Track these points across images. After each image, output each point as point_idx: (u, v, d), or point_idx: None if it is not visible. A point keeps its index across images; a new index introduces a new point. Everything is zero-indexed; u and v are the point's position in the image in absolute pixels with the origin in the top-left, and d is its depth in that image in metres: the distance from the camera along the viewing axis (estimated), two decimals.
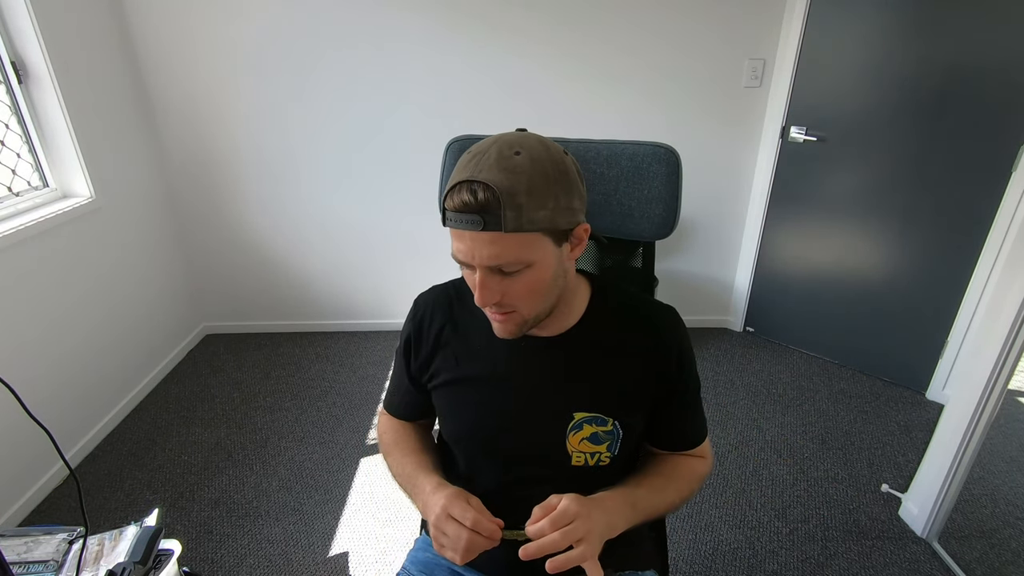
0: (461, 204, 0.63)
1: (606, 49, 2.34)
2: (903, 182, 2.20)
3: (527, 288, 0.68)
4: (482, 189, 0.62)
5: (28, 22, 1.80)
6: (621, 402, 0.78)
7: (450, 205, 0.65)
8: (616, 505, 0.72)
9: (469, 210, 0.63)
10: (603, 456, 0.79)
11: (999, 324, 1.41)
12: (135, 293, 2.32)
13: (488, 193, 0.62)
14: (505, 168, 0.63)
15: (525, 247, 0.65)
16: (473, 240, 0.64)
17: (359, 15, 2.25)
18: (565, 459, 0.78)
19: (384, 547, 1.68)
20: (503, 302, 0.69)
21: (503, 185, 0.62)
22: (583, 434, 0.77)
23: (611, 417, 0.77)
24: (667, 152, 0.91)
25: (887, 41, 2.12)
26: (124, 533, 0.97)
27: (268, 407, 2.29)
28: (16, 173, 1.90)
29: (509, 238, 0.63)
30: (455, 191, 0.64)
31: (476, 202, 0.62)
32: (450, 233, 0.68)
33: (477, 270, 0.66)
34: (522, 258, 0.65)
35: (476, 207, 0.62)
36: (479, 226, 0.63)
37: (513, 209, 0.62)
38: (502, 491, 0.82)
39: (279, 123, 2.43)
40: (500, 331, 0.73)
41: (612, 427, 0.77)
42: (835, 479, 1.91)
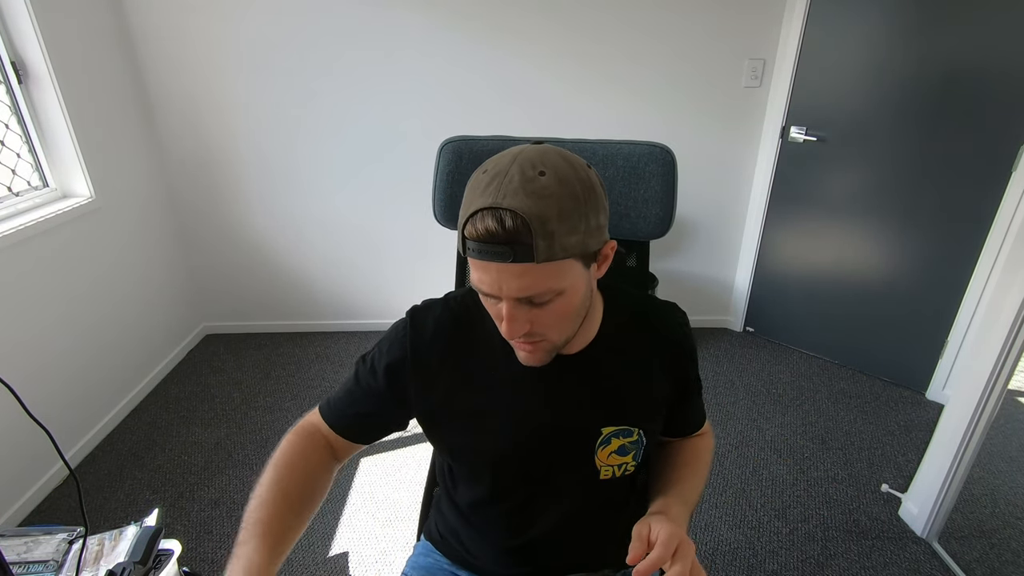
0: (486, 234, 0.57)
1: (605, 49, 2.34)
2: (903, 182, 2.20)
3: (557, 316, 0.64)
4: (510, 217, 0.56)
5: (28, 22, 1.80)
6: (644, 410, 0.77)
7: (472, 234, 0.58)
8: (679, 512, 0.73)
9: (496, 240, 0.57)
10: (629, 466, 0.78)
11: (999, 324, 1.41)
12: (135, 293, 2.32)
13: (517, 221, 0.56)
14: (532, 192, 0.57)
15: (556, 276, 0.60)
16: (500, 272, 0.58)
17: (359, 15, 2.25)
18: (594, 474, 0.77)
19: (384, 547, 1.67)
20: (532, 331, 0.64)
21: (533, 212, 0.56)
22: (611, 448, 0.76)
23: (637, 427, 0.76)
24: (662, 151, 0.91)
25: (887, 41, 2.12)
26: (124, 533, 0.97)
27: (268, 407, 2.29)
28: (16, 173, 1.90)
29: (540, 268, 0.58)
30: (478, 218, 0.57)
31: (504, 231, 0.56)
32: (471, 263, 0.62)
33: (504, 302, 0.61)
34: (553, 287, 0.60)
35: (504, 237, 0.56)
36: (508, 258, 0.57)
37: (545, 238, 0.56)
38: (526, 507, 0.82)
39: (279, 123, 2.43)
40: (528, 360, 0.69)
41: (637, 436, 0.77)
42: (835, 479, 1.91)
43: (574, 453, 0.76)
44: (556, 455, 0.77)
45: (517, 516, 0.82)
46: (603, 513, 0.84)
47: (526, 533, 0.83)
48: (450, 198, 0.96)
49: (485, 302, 0.66)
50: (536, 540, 0.83)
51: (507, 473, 0.79)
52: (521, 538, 0.83)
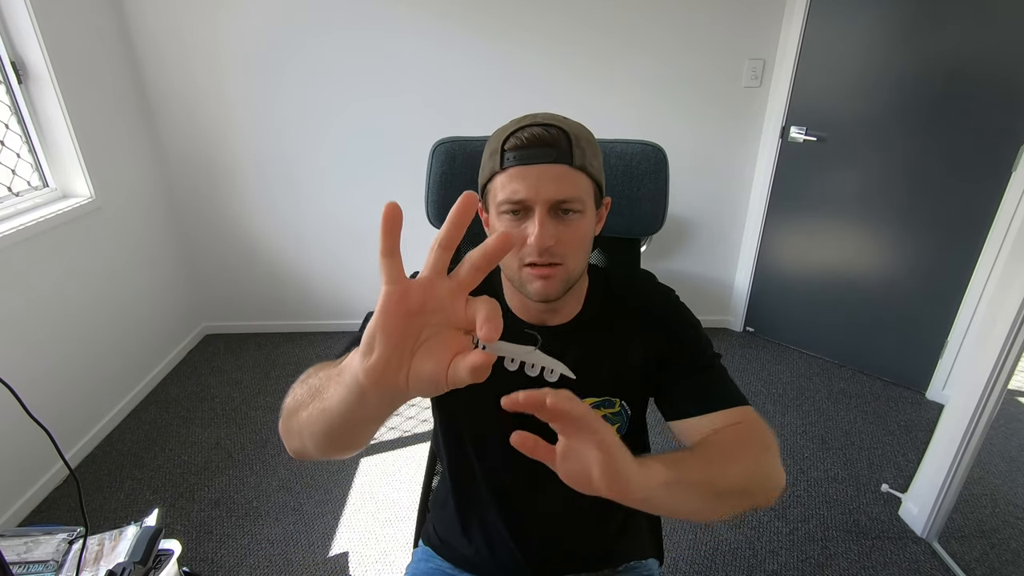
0: (532, 138, 0.66)
1: (605, 49, 2.34)
2: (903, 182, 2.20)
3: (577, 237, 0.69)
4: (553, 127, 0.66)
5: (28, 22, 1.79)
6: (625, 382, 0.78)
7: (516, 143, 0.67)
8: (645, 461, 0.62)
9: (542, 143, 0.65)
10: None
11: (999, 324, 1.41)
12: (135, 293, 2.32)
13: (558, 131, 0.66)
14: (565, 121, 0.69)
15: (583, 188, 0.68)
16: (540, 176, 0.65)
17: (359, 16, 2.25)
18: None
19: (384, 547, 1.67)
20: (555, 250, 0.68)
21: (569, 127, 0.67)
22: None
23: (617, 397, 0.78)
24: (655, 150, 0.91)
25: (887, 41, 2.12)
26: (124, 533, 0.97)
27: (268, 407, 2.29)
28: (16, 173, 1.90)
29: (574, 175, 0.66)
30: (522, 130, 0.67)
31: (549, 135, 0.65)
32: (502, 178, 0.68)
33: (536, 211, 0.66)
34: (581, 197, 0.68)
35: (549, 139, 0.65)
36: (550, 157, 0.65)
37: (579, 148, 0.67)
38: (522, 487, 0.83)
39: (279, 123, 2.43)
40: (543, 289, 0.69)
41: (619, 408, 0.78)
42: (835, 479, 1.91)
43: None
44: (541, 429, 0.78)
45: (516, 494, 0.83)
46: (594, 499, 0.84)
47: (523, 521, 0.84)
48: (443, 199, 0.96)
49: (510, 228, 0.69)
50: (534, 529, 0.84)
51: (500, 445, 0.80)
52: (518, 528, 0.84)
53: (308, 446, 0.51)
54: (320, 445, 0.49)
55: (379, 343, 0.35)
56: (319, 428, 0.47)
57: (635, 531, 0.96)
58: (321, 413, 0.46)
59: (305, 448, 0.53)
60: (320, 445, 0.49)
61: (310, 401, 0.49)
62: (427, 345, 0.36)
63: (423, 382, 0.36)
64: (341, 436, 0.47)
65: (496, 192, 0.69)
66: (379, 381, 0.36)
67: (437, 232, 0.36)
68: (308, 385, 0.53)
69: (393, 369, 0.36)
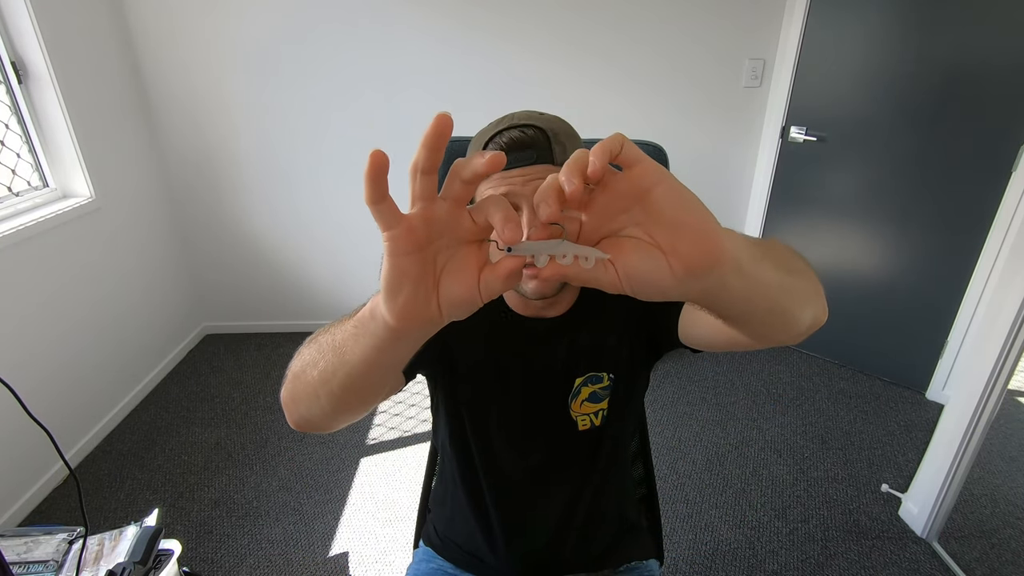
0: (511, 142, 0.65)
1: (605, 49, 2.34)
2: (903, 182, 2.20)
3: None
4: (530, 128, 0.66)
5: (28, 22, 1.80)
6: (614, 356, 0.79)
7: (496, 147, 0.66)
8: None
9: (521, 146, 0.65)
10: (604, 412, 0.80)
11: (999, 324, 1.41)
12: (135, 293, 2.32)
13: (536, 132, 0.66)
14: (540, 116, 0.68)
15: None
16: (522, 176, 0.65)
17: (358, 15, 2.25)
18: (572, 427, 0.80)
19: (384, 547, 1.68)
20: None
21: (547, 125, 0.67)
22: (582, 397, 0.79)
23: (605, 371, 0.79)
24: (655, 150, 0.91)
25: (887, 41, 2.11)
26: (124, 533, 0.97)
27: (268, 407, 2.29)
28: (16, 173, 1.90)
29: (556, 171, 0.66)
30: (499, 136, 0.67)
31: (527, 137, 0.65)
32: (484, 186, 0.66)
33: (524, 211, 0.64)
34: None
35: (528, 141, 0.65)
36: (531, 159, 0.65)
37: (559, 144, 0.66)
38: (523, 486, 0.83)
39: (279, 123, 2.43)
40: (538, 287, 0.70)
41: (608, 381, 0.79)
42: (835, 479, 1.91)
43: (549, 408, 0.80)
44: (534, 413, 0.80)
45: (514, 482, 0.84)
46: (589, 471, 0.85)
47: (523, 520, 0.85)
48: None
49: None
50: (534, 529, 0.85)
51: (499, 432, 0.82)
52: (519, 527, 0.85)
53: (323, 406, 0.50)
54: (337, 402, 0.48)
55: (402, 285, 0.35)
56: (338, 383, 0.46)
57: (635, 531, 0.96)
58: (342, 366, 0.44)
59: (318, 410, 0.51)
60: (337, 402, 0.48)
61: (323, 358, 0.48)
62: (448, 269, 0.36)
63: (457, 306, 0.36)
64: (362, 388, 0.47)
65: (479, 192, 0.68)
66: (413, 319, 0.36)
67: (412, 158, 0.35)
68: (319, 343, 0.50)
69: (423, 303, 0.35)
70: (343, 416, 0.51)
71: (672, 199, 0.33)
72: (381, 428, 2.17)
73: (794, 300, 0.44)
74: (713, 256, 0.33)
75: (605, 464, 0.84)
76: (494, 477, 0.83)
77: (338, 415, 0.51)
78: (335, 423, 0.53)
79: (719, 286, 0.35)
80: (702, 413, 2.21)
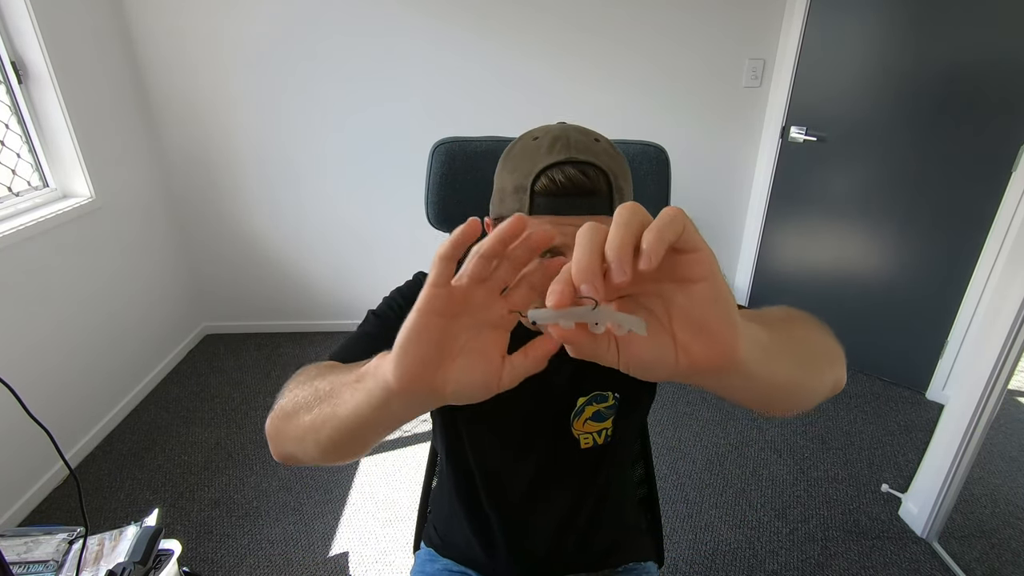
0: (568, 184, 0.57)
1: (605, 49, 2.34)
2: (903, 182, 2.20)
3: None
4: (592, 169, 0.57)
5: (28, 22, 1.79)
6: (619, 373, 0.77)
7: (549, 187, 0.58)
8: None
9: (580, 191, 0.57)
10: (609, 431, 0.79)
11: (999, 324, 1.41)
12: (135, 293, 2.32)
13: (596, 172, 0.57)
14: (602, 151, 0.59)
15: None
16: (577, 225, 0.60)
17: (359, 16, 2.25)
18: (574, 444, 0.79)
19: (384, 547, 1.67)
20: None
21: (610, 166, 0.58)
22: (586, 415, 0.78)
23: (611, 391, 0.78)
24: (656, 150, 0.91)
25: (887, 41, 2.11)
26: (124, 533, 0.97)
27: (268, 407, 2.27)
28: (16, 173, 1.90)
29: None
30: (555, 169, 0.57)
31: (588, 181, 0.57)
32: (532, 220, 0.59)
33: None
34: None
35: (588, 188, 0.57)
36: (589, 209, 0.57)
37: (619, 190, 0.58)
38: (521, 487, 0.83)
39: (279, 123, 2.43)
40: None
41: (613, 400, 0.78)
42: (835, 479, 1.91)
43: (552, 427, 0.78)
44: (537, 431, 0.79)
45: (511, 497, 0.83)
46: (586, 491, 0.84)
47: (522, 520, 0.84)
48: (443, 200, 0.96)
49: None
50: (532, 529, 0.84)
51: (505, 451, 0.81)
52: (517, 528, 0.84)
53: (308, 451, 0.48)
54: (323, 451, 0.46)
55: (417, 344, 0.33)
56: (326, 434, 0.44)
57: (635, 533, 0.96)
58: (331, 418, 0.43)
59: (303, 452, 0.50)
60: (323, 451, 0.46)
61: (316, 405, 0.46)
62: (468, 349, 0.35)
63: (468, 388, 0.34)
64: (351, 442, 0.44)
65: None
66: (415, 382, 0.34)
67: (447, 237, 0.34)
68: (314, 388, 0.50)
69: (431, 371, 0.34)
70: (331, 462, 0.49)
71: (709, 299, 0.30)
72: None
73: (802, 391, 0.42)
74: (723, 362, 0.31)
75: (607, 478, 0.84)
76: (493, 489, 0.83)
77: (325, 461, 0.49)
78: (324, 464, 0.51)
79: (718, 385, 0.35)
80: (702, 413, 2.21)
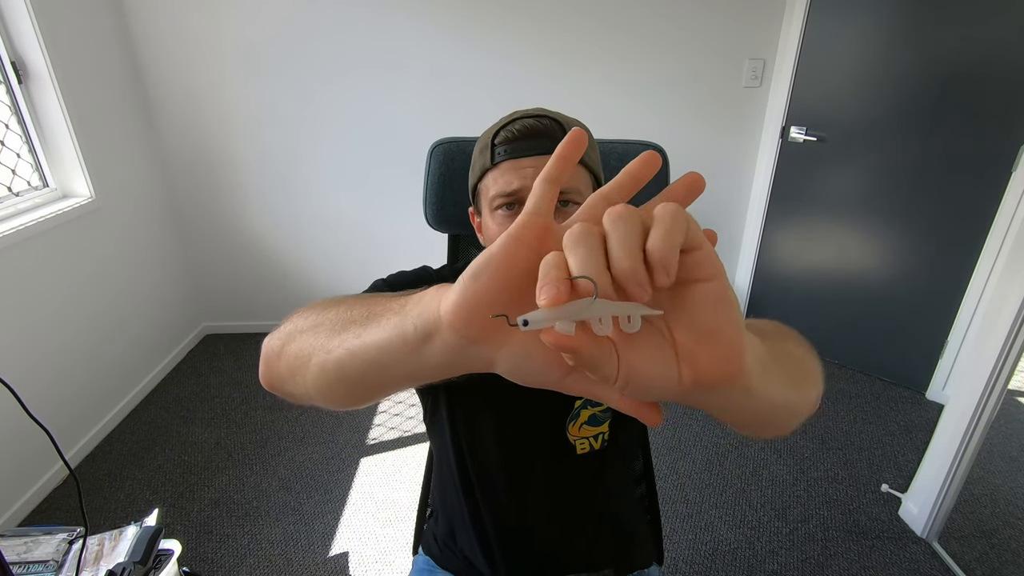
0: (524, 129, 0.63)
1: (605, 49, 2.34)
2: (903, 182, 2.20)
3: None
4: (545, 119, 0.64)
5: (28, 22, 1.80)
6: None
7: (507, 136, 0.64)
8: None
9: (535, 134, 0.63)
10: (605, 436, 0.78)
11: (999, 324, 1.41)
12: (135, 293, 2.32)
13: (551, 121, 0.64)
14: (555, 112, 0.67)
15: (582, 180, 0.66)
16: (535, 167, 0.63)
17: (359, 16, 2.25)
18: (570, 450, 0.78)
19: (384, 547, 1.68)
20: None
21: (562, 118, 0.65)
22: (581, 420, 0.77)
23: None
24: (656, 150, 0.91)
25: (887, 41, 2.11)
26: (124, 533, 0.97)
27: (268, 407, 2.29)
28: (16, 173, 1.90)
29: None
30: (512, 123, 0.64)
31: (542, 126, 0.64)
32: (494, 173, 0.65)
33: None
34: (580, 189, 0.65)
35: (543, 130, 0.63)
36: (545, 149, 0.63)
37: None
38: (515, 494, 0.81)
39: (279, 123, 2.43)
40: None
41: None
42: (835, 479, 1.91)
43: (547, 432, 0.77)
44: (530, 436, 0.78)
45: (510, 506, 0.82)
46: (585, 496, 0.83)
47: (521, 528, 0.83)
48: (441, 200, 0.96)
49: (503, 224, 0.65)
50: (532, 535, 0.83)
51: (499, 453, 0.79)
52: (516, 535, 0.83)
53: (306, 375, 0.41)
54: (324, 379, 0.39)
55: (495, 271, 0.27)
56: (337, 356, 0.37)
57: (636, 538, 0.94)
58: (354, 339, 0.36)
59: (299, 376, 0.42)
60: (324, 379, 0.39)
61: (340, 320, 0.39)
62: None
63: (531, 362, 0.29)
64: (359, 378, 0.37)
65: (488, 188, 0.67)
66: (470, 319, 0.28)
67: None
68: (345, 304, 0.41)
69: (489, 306, 0.28)
70: (321, 397, 0.42)
71: (716, 299, 0.27)
72: (381, 428, 2.17)
73: (792, 411, 0.39)
74: (732, 369, 0.28)
75: (608, 484, 0.83)
76: (490, 496, 0.81)
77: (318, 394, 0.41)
78: (311, 397, 0.43)
79: (719, 403, 0.30)
80: (702, 413, 2.21)
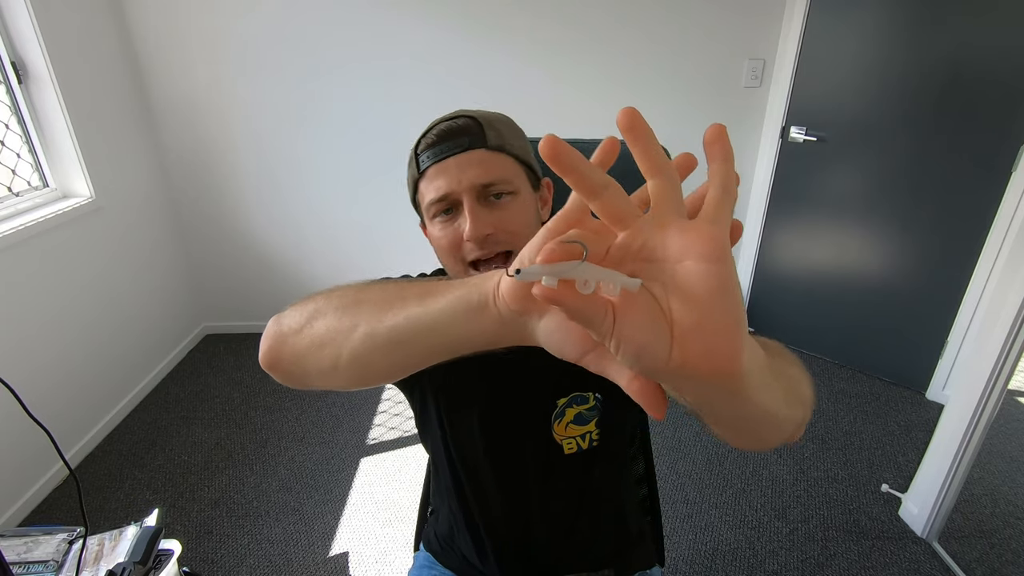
0: (441, 133, 0.64)
1: (604, 49, 2.34)
2: (903, 182, 2.20)
3: (518, 218, 0.65)
4: (460, 118, 0.65)
5: (28, 22, 1.80)
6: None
7: (427, 142, 0.65)
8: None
9: (451, 134, 0.64)
10: (593, 435, 0.77)
11: (999, 324, 1.41)
12: (135, 293, 2.32)
13: (466, 119, 0.65)
14: (474, 110, 0.67)
15: (509, 169, 0.66)
16: (458, 165, 0.63)
17: (359, 16, 2.25)
18: (556, 450, 0.76)
19: (384, 547, 1.67)
20: (496, 237, 0.63)
21: (478, 114, 0.66)
22: (567, 419, 0.76)
23: (591, 391, 0.75)
24: None
25: (887, 41, 2.11)
26: (124, 533, 0.97)
27: (268, 407, 2.29)
28: (16, 173, 1.90)
29: (494, 156, 0.64)
30: (431, 130, 0.66)
31: (457, 125, 0.64)
32: (423, 183, 0.67)
33: (464, 201, 0.63)
34: (508, 177, 0.65)
35: (458, 129, 0.64)
36: (464, 146, 0.63)
37: (493, 131, 0.65)
38: (505, 494, 0.80)
39: (279, 123, 2.43)
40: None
41: (594, 402, 0.75)
42: (835, 479, 1.91)
43: (531, 432, 0.76)
44: (515, 438, 0.76)
45: (503, 511, 0.81)
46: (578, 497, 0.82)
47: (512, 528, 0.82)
48: None
49: (444, 230, 0.66)
50: (528, 536, 0.82)
51: (484, 456, 0.78)
52: (513, 536, 0.83)
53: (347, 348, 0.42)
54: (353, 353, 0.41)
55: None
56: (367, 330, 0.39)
57: (637, 541, 0.94)
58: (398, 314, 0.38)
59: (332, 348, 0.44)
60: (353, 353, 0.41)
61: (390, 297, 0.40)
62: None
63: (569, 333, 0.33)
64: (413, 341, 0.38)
65: (424, 198, 0.67)
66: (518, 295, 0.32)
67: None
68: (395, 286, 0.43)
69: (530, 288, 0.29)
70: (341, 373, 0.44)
71: (716, 284, 0.25)
72: (381, 428, 2.17)
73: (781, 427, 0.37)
74: (721, 372, 0.26)
75: (600, 484, 0.81)
76: (481, 497, 0.80)
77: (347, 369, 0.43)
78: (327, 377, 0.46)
79: (704, 400, 0.29)
80: None
